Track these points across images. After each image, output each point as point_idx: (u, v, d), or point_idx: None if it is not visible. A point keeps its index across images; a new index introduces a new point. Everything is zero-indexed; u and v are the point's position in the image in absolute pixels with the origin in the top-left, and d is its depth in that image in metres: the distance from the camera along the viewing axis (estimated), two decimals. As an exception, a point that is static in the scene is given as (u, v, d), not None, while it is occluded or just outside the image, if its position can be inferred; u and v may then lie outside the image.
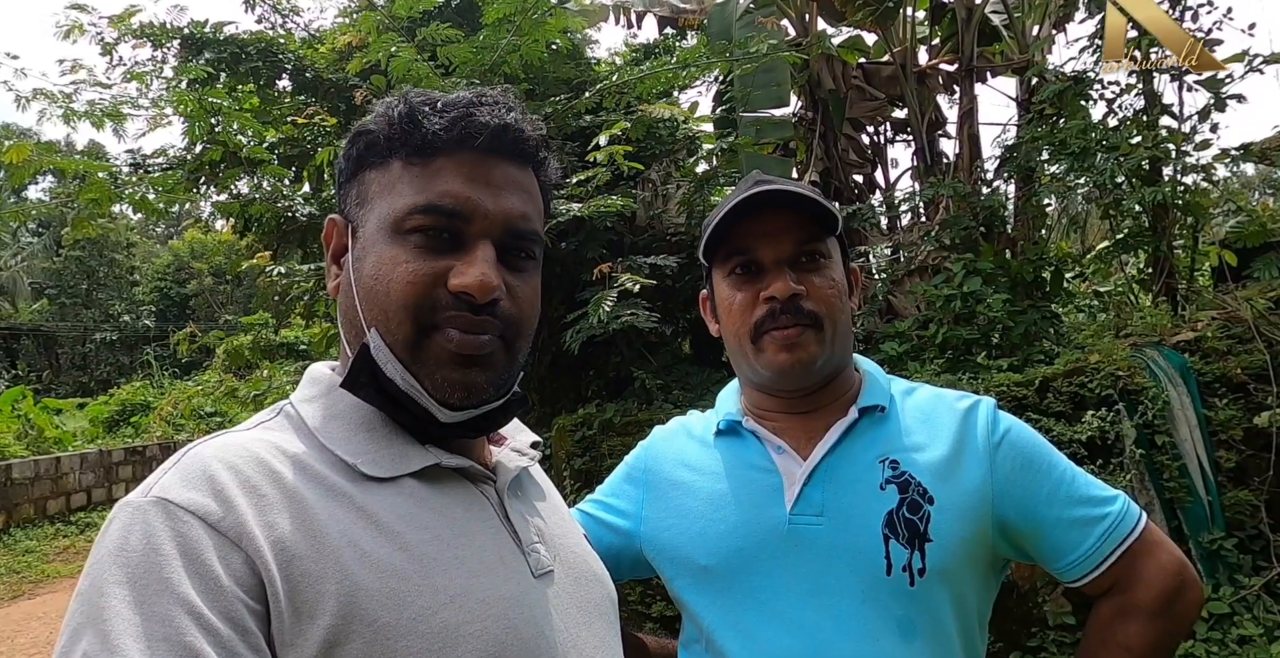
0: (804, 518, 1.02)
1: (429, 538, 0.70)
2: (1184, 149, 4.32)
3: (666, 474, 1.16)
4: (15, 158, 4.60)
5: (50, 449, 10.22)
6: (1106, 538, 1.02)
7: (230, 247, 11.71)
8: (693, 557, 1.07)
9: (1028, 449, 1.06)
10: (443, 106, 0.76)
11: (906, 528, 0.99)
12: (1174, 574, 1.03)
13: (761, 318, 1.04)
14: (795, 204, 1.05)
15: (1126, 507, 1.05)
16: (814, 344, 1.04)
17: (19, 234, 29.22)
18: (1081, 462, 3.08)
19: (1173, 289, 4.51)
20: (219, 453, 0.67)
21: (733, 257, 1.08)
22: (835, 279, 1.07)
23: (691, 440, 1.18)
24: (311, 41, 5.78)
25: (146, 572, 0.58)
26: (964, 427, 1.06)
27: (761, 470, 1.07)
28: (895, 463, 1.03)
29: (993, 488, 1.02)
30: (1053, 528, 1.02)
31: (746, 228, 1.05)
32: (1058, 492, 1.03)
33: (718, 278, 1.11)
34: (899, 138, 6.73)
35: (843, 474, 1.04)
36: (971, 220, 4.70)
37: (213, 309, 24.73)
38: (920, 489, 1.00)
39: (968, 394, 1.12)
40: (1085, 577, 1.03)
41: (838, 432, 1.06)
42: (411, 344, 0.73)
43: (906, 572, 0.97)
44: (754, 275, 1.06)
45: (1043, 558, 1.05)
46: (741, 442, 1.12)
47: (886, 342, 4.27)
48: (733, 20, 5.85)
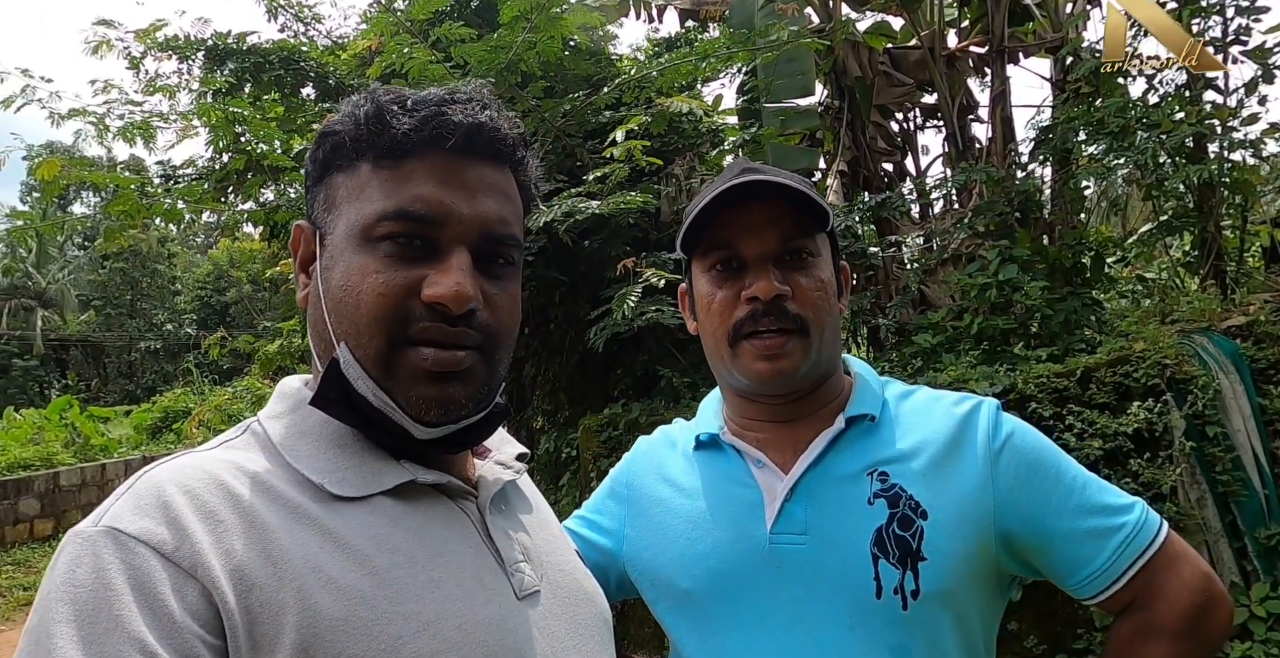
0: (786, 537, 0.94)
1: (401, 561, 0.65)
2: (1230, 124, 4.12)
3: (647, 490, 1.08)
4: (48, 174, 4.69)
5: (96, 456, 10.48)
6: (1123, 551, 0.92)
7: (264, 254, 11.91)
8: (673, 580, 0.99)
9: (1033, 454, 0.96)
10: (413, 105, 0.71)
11: (897, 546, 0.90)
12: (1199, 590, 0.93)
13: (742, 319, 0.96)
14: (783, 196, 0.96)
15: (1145, 516, 0.95)
16: (798, 352, 0.95)
17: (65, 248, 30.13)
18: (1128, 455, 2.96)
19: (1221, 272, 4.32)
20: (175, 476, 0.63)
21: (713, 250, 0.99)
22: (824, 280, 0.98)
23: (673, 453, 1.10)
24: (333, 49, 5.81)
25: (95, 608, 0.55)
26: (962, 432, 0.97)
27: (741, 486, 0.99)
28: (885, 475, 0.94)
29: (994, 498, 0.93)
30: (1063, 541, 0.93)
31: (729, 220, 0.97)
32: (1068, 501, 0.94)
33: (697, 272, 1.03)
34: (929, 124, 6.57)
35: (827, 489, 0.95)
36: (1006, 206, 4.55)
37: (251, 316, 25.23)
38: (912, 503, 0.92)
39: (969, 396, 1.02)
40: (1101, 593, 0.93)
41: (822, 443, 0.97)
42: (384, 359, 0.69)
43: (898, 594, 0.89)
44: (735, 272, 0.98)
45: (1054, 574, 0.96)
46: (722, 455, 1.04)
47: (920, 333, 4.15)
48: (754, 10, 5.74)
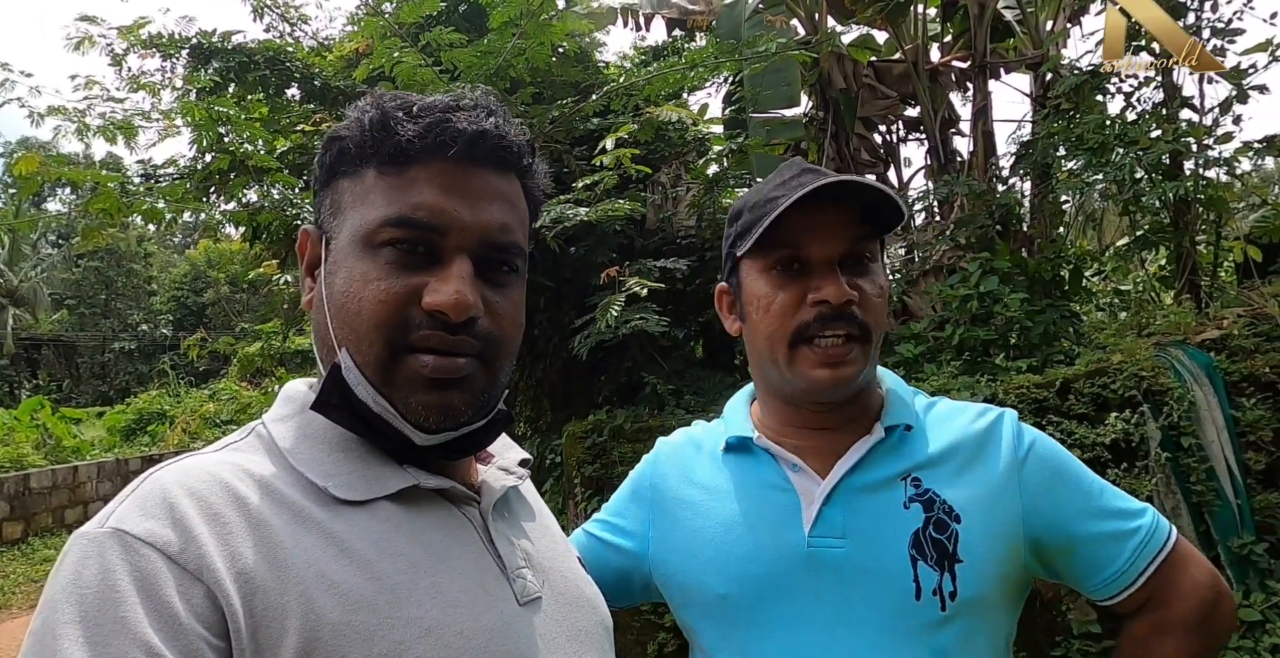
0: (824, 541, 0.94)
1: (404, 566, 0.66)
2: (1205, 142, 4.21)
3: (674, 492, 1.08)
4: (26, 169, 4.62)
5: (68, 458, 10.30)
6: (1140, 552, 0.96)
7: (244, 255, 11.81)
8: (708, 585, 0.98)
9: (1054, 462, 0.99)
10: (418, 112, 0.71)
11: (934, 549, 0.92)
12: (1209, 587, 0.98)
13: (808, 322, 0.94)
14: (857, 197, 0.93)
15: (1157, 519, 1.00)
16: (859, 360, 0.95)
17: (39, 246, 29.63)
18: (1105, 465, 3.00)
19: (1196, 286, 4.40)
20: (180, 478, 0.63)
21: (776, 250, 0.96)
22: (883, 287, 0.99)
23: (699, 455, 1.10)
24: (319, 50, 5.78)
25: (101, 610, 0.54)
26: (988, 440, 1.00)
27: (777, 490, 0.99)
28: (918, 480, 0.96)
29: (1021, 504, 0.96)
30: (1085, 544, 0.96)
31: (795, 220, 0.94)
32: (1088, 506, 0.97)
33: (751, 272, 1.00)
34: (912, 136, 6.64)
35: (863, 494, 0.96)
36: (987, 219, 4.61)
37: (229, 317, 24.95)
38: (946, 507, 0.94)
39: (990, 407, 1.05)
40: (1120, 594, 0.97)
41: (862, 449, 0.98)
42: (383, 366, 0.69)
43: (937, 595, 0.90)
44: (798, 274, 0.96)
45: (1074, 576, 0.99)
46: (754, 459, 1.03)
47: (902, 343, 4.19)
48: (741, 20, 5.79)
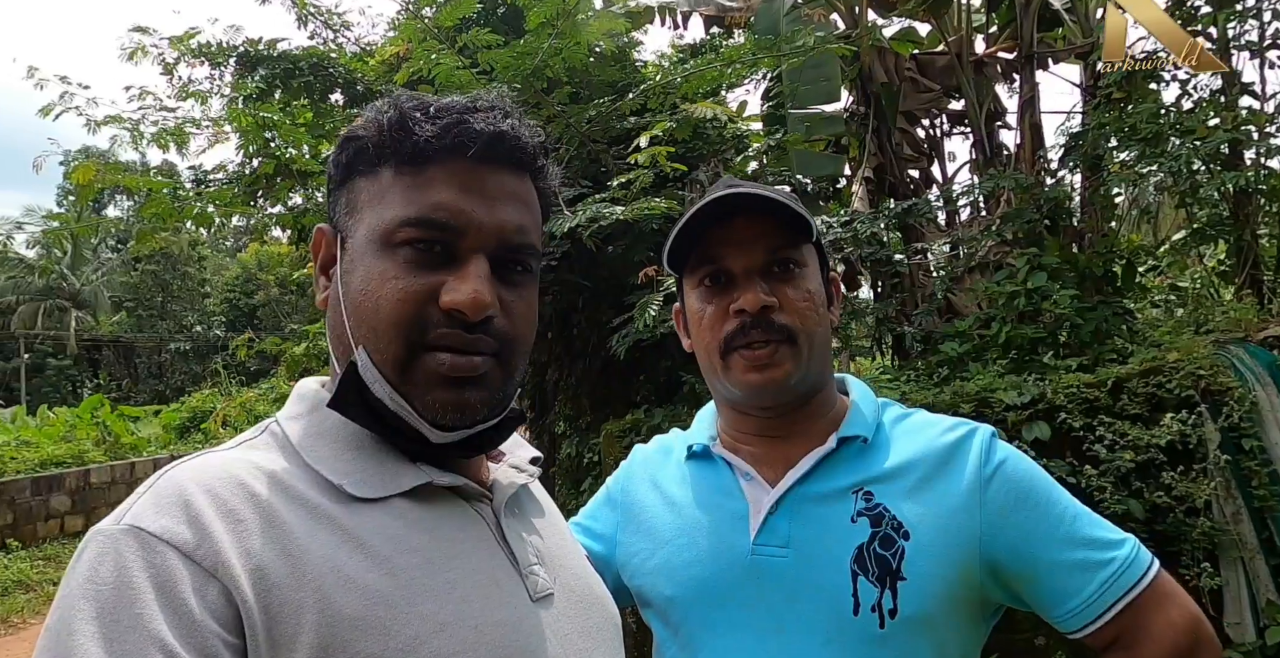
0: (768, 549, 0.94)
1: (418, 562, 0.66)
2: (1267, 130, 4.05)
3: (639, 497, 1.10)
4: (83, 177, 4.79)
5: (126, 455, 10.70)
6: (1110, 586, 0.91)
7: (291, 258, 12.12)
8: (658, 586, 1.01)
9: (1024, 483, 0.95)
10: (435, 112, 0.72)
11: (877, 565, 0.90)
12: (1186, 631, 0.92)
13: (732, 332, 0.97)
14: (767, 209, 0.97)
15: (1135, 553, 0.94)
16: (788, 362, 0.96)
17: (99, 251, 30.76)
18: (1161, 468, 2.89)
19: (1258, 281, 4.23)
20: (196, 475, 0.64)
21: (701, 266, 1.01)
22: (811, 290, 0.99)
23: (667, 462, 1.12)
24: (362, 55, 5.88)
25: (117, 607, 0.55)
26: (953, 456, 0.97)
27: (728, 497, 1.01)
28: (870, 494, 0.94)
29: (980, 525, 0.92)
30: (1050, 572, 0.92)
31: (716, 235, 0.98)
32: (1056, 531, 0.93)
33: (687, 289, 1.05)
34: (956, 130, 6.50)
35: (811, 505, 0.96)
36: (1035, 213, 4.48)
37: (279, 318, 25.60)
38: (895, 523, 0.92)
39: (965, 421, 1.02)
40: (1085, 628, 0.92)
41: (812, 460, 0.98)
42: (401, 364, 0.69)
43: (875, 612, 0.89)
44: (724, 286, 1.00)
45: (1039, 605, 0.95)
46: (712, 467, 1.05)
47: (946, 342, 4.10)
48: (780, 16, 5.73)
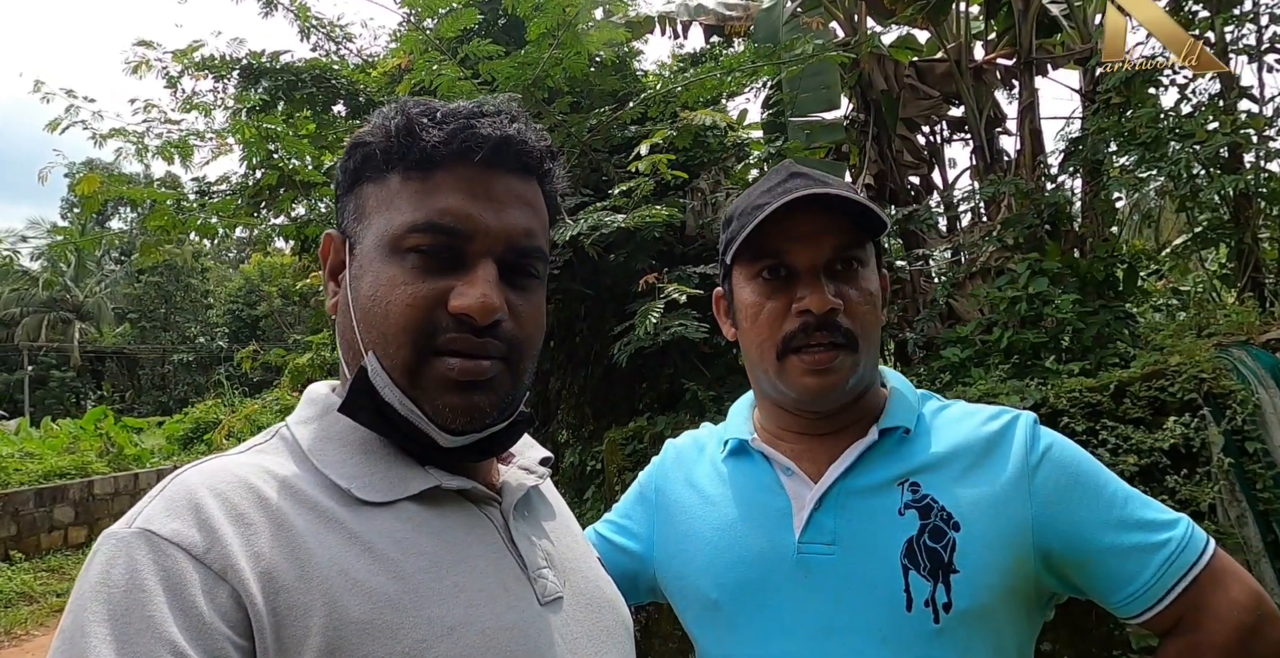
0: (814, 547, 0.92)
1: (426, 565, 0.66)
2: (1267, 134, 4.06)
3: (676, 495, 1.07)
4: (87, 189, 4.81)
5: (129, 466, 10.71)
6: (1168, 568, 0.89)
7: (294, 268, 12.14)
8: (701, 588, 0.98)
9: (1072, 468, 0.93)
10: (442, 118, 0.72)
11: (928, 558, 0.88)
12: (1250, 608, 0.89)
13: (793, 332, 0.94)
14: (837, 206, 0.94)
15: (1191, 532, 0.92)
16: (846, 367, 0.93)
17: (103, 263, 30.85)
18: (1164, 471, 2.89)
19: (1259, 284, 4.23)
20: (206, 479, 0.65)
21: (762, 258, 0.97)
22: (872, 292, 0.97)
23: (702, 458, 1.09)
24: (364, 67, 5.91)
25: (129, 609, 0.56)
26: (997, 445, 0.95)
27: (770, 494, 0.98)
28: (916, 485, 0.92)
29: (1032, 513, 0.90)
30: (1105, 557, 0.90)
31: (780, 227, 0.94)
32: (1109, 516, 0.91)
33: (740, 279, 1.01)
34: (956, 137, 6.50)
35: (857, 499, 0.93)
36: (1036, 218, 4.49)
37: (281, 329, 25.62)
38: (944, 514, 0.90)
39: (1006, 409, 1.00)
40: (1145, 612, 0.90)
41: (854, 453, 0.96)
42: (410, 369, 0.70)
43: (929, 607, 0.87)
44: (785, 282, 0.96)
45: (1095, 592, 0.93)
46: (750, 462, 1.02)
47: (948, 347, 4.10)
48: (779, 24, 5.76)
